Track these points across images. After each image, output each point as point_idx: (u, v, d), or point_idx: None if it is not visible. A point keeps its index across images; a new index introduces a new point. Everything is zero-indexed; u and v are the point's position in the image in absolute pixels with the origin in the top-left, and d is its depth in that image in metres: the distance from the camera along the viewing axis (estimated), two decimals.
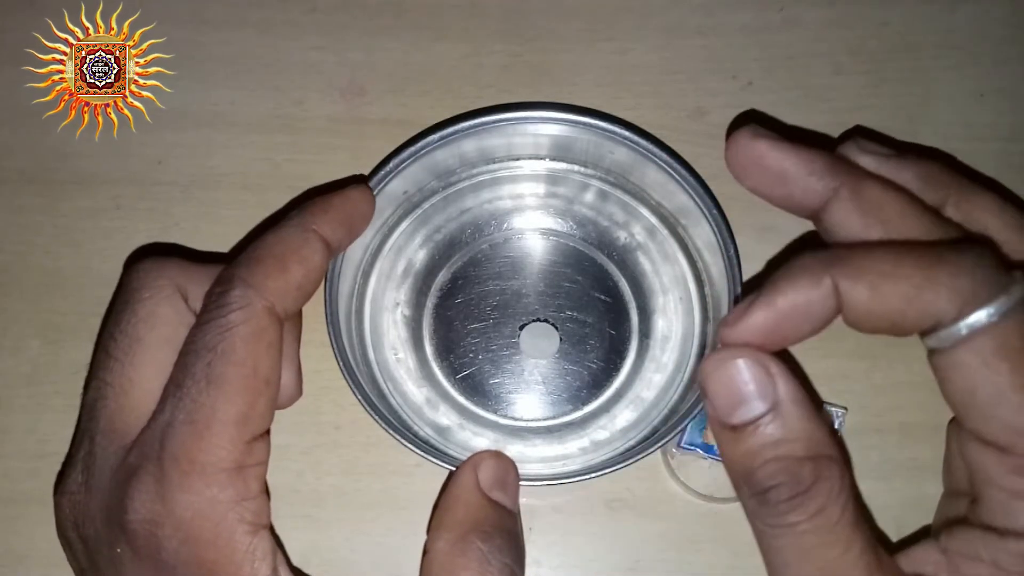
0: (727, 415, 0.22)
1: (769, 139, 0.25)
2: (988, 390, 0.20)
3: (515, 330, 0.34)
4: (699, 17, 0.38)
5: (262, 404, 0.24)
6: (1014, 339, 0.20)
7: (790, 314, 0.21)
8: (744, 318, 0.22)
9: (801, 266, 0.22)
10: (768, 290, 0.22)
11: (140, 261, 0.28)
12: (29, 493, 0.33)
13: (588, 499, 0.33)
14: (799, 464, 0.21)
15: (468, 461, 0.28)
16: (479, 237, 0.35)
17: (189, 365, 0.24)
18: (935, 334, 0.21)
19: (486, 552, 0.25)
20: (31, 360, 0.35)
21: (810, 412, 0.21)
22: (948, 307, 0.20)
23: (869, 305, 0.21)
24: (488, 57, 0.37)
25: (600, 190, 0.34)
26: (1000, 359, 0.20)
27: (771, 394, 0.21)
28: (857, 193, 0.24)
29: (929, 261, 0.21)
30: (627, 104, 0.37)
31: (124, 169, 0.36)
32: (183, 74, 0.37)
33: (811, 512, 0.21)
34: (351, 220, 0.29)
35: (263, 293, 0.25)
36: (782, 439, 0.21)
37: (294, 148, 0.36)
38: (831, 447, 0.21)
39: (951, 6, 0.38)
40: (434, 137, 0.31)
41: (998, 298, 0.20)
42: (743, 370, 0.21)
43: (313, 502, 0.33)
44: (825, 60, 0.37)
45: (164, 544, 0.23)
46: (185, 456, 0.23)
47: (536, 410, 0.34)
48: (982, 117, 0.37)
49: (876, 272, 0.21)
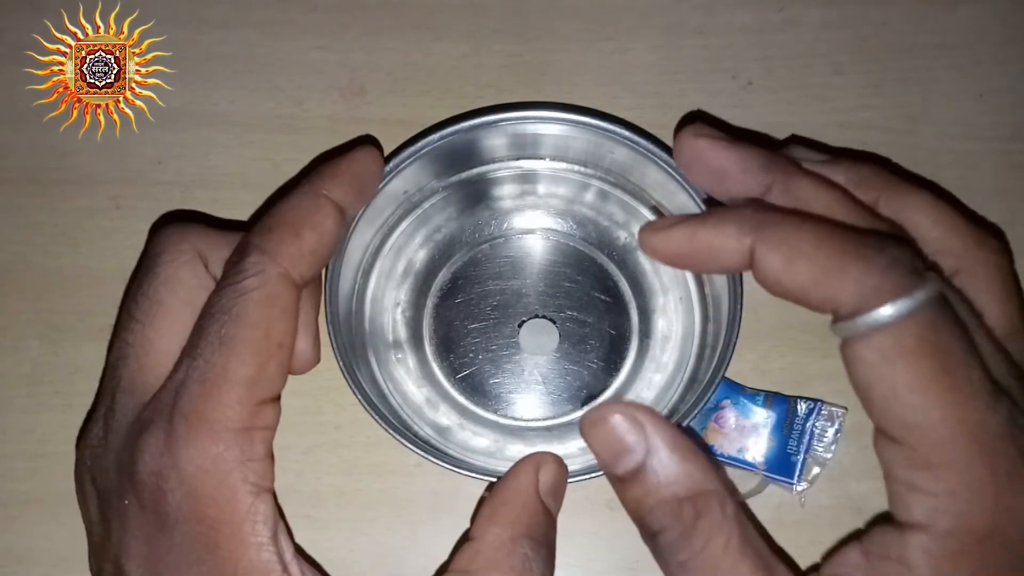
0: (611, 468, 0.24)
1: (709, 138, 0.26)
2: (884, 386, 0.21)
3: (515, 329, 0.34)
4: (699, 17, 0.38)
5: (273, 367, 0.25)
6: (910, 339, 0.21)
7: (703, 250, 0.23)
8: (667, 231, 0.24)
9: (734, 215, 0.23)
10: (699, 219, 0.24)
11: (164, 227, 0.28)
12: (29, 493, 0.33)
13: (588, 499, 0.33)
14: (680, 505, 0.23)
15: (530, 460, 0.27)
16: (479, 237, 0.35)
17: (205, 328, 0.25)
18: (838, 324, 0.22)
19: (532, 559, 0.25)
20: (31, 360, 0.35)
21: (686, 453, 0.23)
22: (848, 299, 0.21)
23: (778, 275, 0.22)
24: (488, 57, 0.37)
25: (600, 190, 0.34)
26: (896, 357, 0.21)
27: (644, 444, 0.23)
28: (788, 189, 0.25)
29: (848, 250, 0.22)
30: (627, 104, 0.37)
31: (124, 169, 0.36)
32: (183, 74, 0.37)
33: (696, 549, 0.22)
34: (361, 182, 0.29)
35: (277, 259, 0.25)
36: (661, 483, 0.23)
37: (294, 148, 0.36)
38: (710, 481, 0.23)
39: (951, 6, 0.38)
40: (434, 137, 0.31)
41: (901, 298, 0.21)
42: (617, 425, 0.23)
43: (313, 502, 0.33)
44: (825, 60, 0.37)
45: (168, 497, 0.23)
46: (194, 412, 0.24)
47: (536, 410, 0.34)
48: (982, 117, 0.37)
49: (793, 248, 0.22)
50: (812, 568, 0.24)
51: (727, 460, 0.33)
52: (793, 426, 0.33)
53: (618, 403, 0.24)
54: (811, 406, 0.33)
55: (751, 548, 0.22)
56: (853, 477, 0.33)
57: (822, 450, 0.33)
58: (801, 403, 0.33)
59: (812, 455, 0.32)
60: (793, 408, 0.33)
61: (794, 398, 0.33)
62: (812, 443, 0.33)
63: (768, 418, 0.33)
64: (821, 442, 0.33)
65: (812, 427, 0.33)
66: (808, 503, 0.33)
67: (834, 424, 0.33)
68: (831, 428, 0.33)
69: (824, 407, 0.33)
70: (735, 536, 0.22)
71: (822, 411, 0.33)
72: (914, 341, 0.21)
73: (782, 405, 0.33)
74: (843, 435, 0.33)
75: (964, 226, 0.26)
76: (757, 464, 0.33)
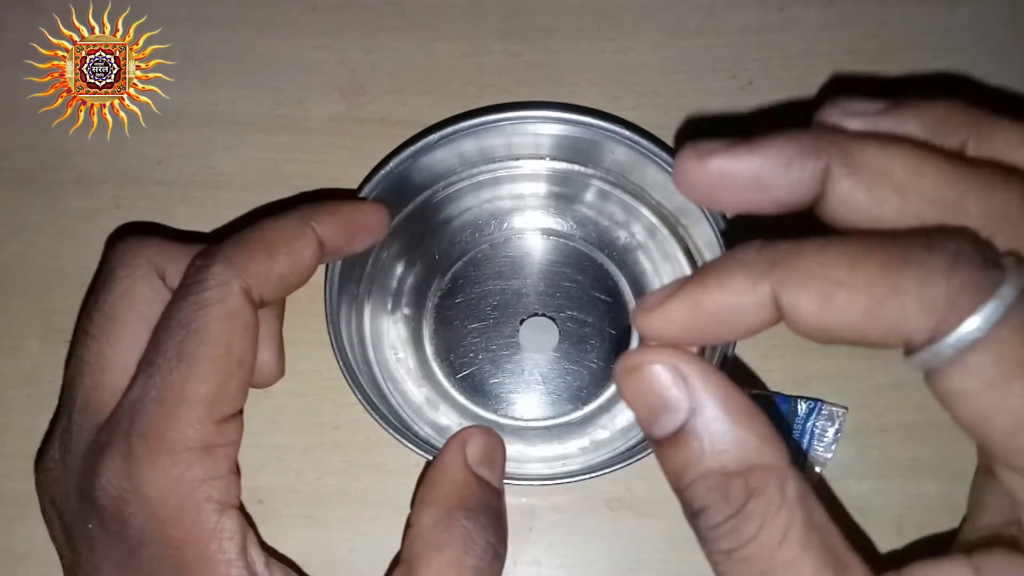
0: (649, 428, 0.20)
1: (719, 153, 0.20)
2: (1004, 417, 0.17)
3: (515, 329, 0.34)
4: (699, 17, 0.38)
5: (234, 385, 0.24)
6: (1017, 350, 0.16)
7: (716, 316, 0.18)
8: (662, 308, 0.19)
9: (740, 262, 0.18)
10: (696, 280, 0.19)
11: (120, 240, 0.28)
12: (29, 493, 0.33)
13: (588, 499, 0.33)
14: (728, 481, 0.18)
15: (456, 436, 0.27)
16: (479, 237, 0.35)
17: (162, 342, 0.24)
18: (916, 355, 0.17)
19: (471, 529, 0.25)
20: (31, 360, 0.35)
21: (740, 415, 0.19)
22: (919, 322, 0.17)
23: (820, 319, 0.17)
24: (488, 57, 0.37)
25: (600, 190, 0.34)
26: (1007, 377, 0.16)
27: (689, 402, 0.19)
28: (853, 165, 0.19)
29: (893, 263, 0.17)
30: (627, 104, 0.37)
31: (124, 169, 0.36)
32: (183, 74, 0.37)
33: (746, 537, 0.18)
34: (354, 231, 0.28)
35: (243, 275, 0.24)
36: (706, 451, 0.18)
37: (294, 148, 0.36)
38: (768, 453, 0.18)
39: (951, 6, 0.38)
40: (434, 137, 0.31)
41: (985, 304, 0.16)
42: (658, 376, 0.19)
43: (313, 502, 0.33)
44: (825, 60, 0.37)
45: (130, 521, 0.23)
46: (152, 434, 0.23)
47: (536, 410, 0.34)
48: None
49: (826, 279, 0.17)
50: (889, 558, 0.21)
51: None
52: (793, 426, 0.33)
53: (660, 348, 0.19)
54: (811, 406, 0.33)
55: (817, 538, 0.18)
56: (853, 477, 0.33)
57: (822, 450, 0.33)
58: (801, 403, 0.33)
59: (812, 455, 0.33)
60: (793, 408, 0.33)
61: (794, 398, 0.33)
62: (812, 443, 0.33)
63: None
64: (821, 442, 0.33)
65: (812, 427, 0.33)
66: None
67: (834, 424, 0.33)
68: (831, 428, 0.33)
69: (824, 407, 0.33)
70: (797, 524, 0.18)
71: (822, 411, 0.33)
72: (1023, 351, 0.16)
73: (782, 405, 0.33)
74: (843, 435, 0.33)
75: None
76: None
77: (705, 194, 0.20)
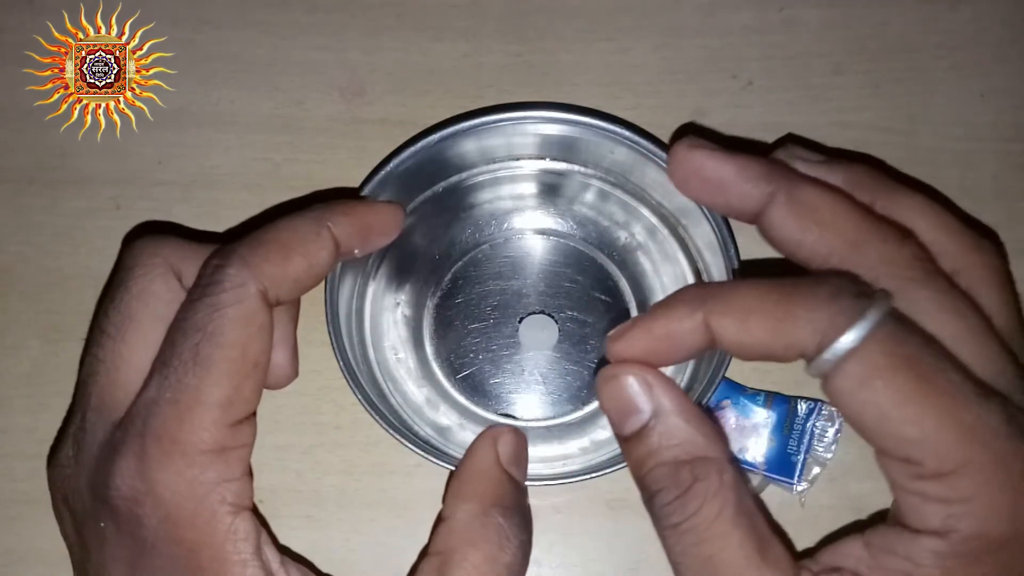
0: (619, 427, 0.24)
1: (706, 149, 0.26)
2: (871, 410, 0.21)
3: (515, 330, 0.34)
4: (699, 17, 0.38)
5: (248, 388, 0.24)
6: (879, 358, 0.21)
7: (664, 339, 0.23)
8: (624, 337, 0.24)
9: (679, 299, 0.23)
10: (648, 315, 0.24)
11: (136, 239, 0.28)
12: (29, 493, 0.33)
13: (588, 499, 0.33)
14: (678, 468, 0.23)
15: (487, 434, 0.28)
16: (479, 237, 0.35)
17: (177, 343, 0.24)
18: (810, 366, 0.22)
19: (506, 527, 0.26)
20: (31, 360, 0.35)
21: (691, 418, 0.23)
22: (808, 338, 0.21)
23: (738, 337, 0.22)
24: (488, 57, 0.37)
25: (600, 190, 0.34)
26: (872, 378, 0.21)
27: (652, 405, 0.23)
28: (792, 197, 0.25)
29: (790, 295, 0.22)
30: (627, 104, 0.37)
31: (124, 169, 0.36)
32: (183, 74, 0.37)
33: (689, 512, 0.22)
34: (370, 231, 0.28)
35: (258, 276, 0.24)
36: (664, 445, 0.23)
37: (294, 148, 0.36)
38: (711, 448, 0.23)
39: (951, 6, 0.38)
40: (434, 137, 0.31)
41: (856, 323, 0.21)
42: (629, 385, 0.23)
43: (313, 502, 0.33)
44: (825, 60, 0.37)
45: (144, 522, 0.23)
46: (167, 436, 0.23)
47: (536, 410, 0.34)
48: (982, 117, 0.37)
49: (741, 308, 0.22)
50: (806, 552, 0.24)
51: None
52: (793, 426, 0.33)
53: (631, 363, 0.24)
54: (811, 406, 0.33)
55: (745, 519, 0.22)
56: (853, 477, 0.33)
57: (822, 450, 0.33)
58: (801, 403, 0.33)
59: (812, 455, 0.33)
60: (793, 408, 0.33)
61: (794, 398, 0.33)
62: (812, 443, 0.33)
63: (768, 418, 0.33)
64: (821, 442, 0.33)
65: (812, 427, 0.33)
66: (808, 503, 0.33)
67: (834, 424, 0.33)
68: (831, 428, 0.33)
69: (824, 407, 0.33)
70: (730, 504, 0.22)
71: (822, 411, 0.33)
72: (884, 359, 0.21)
73: (782, 405, 0.33)
74: (843, 435, 0.33)
75: (960, 229, 0.26)
76: (757, 464, 0.33)
77: (681, 179, 0.27)
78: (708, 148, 0.26)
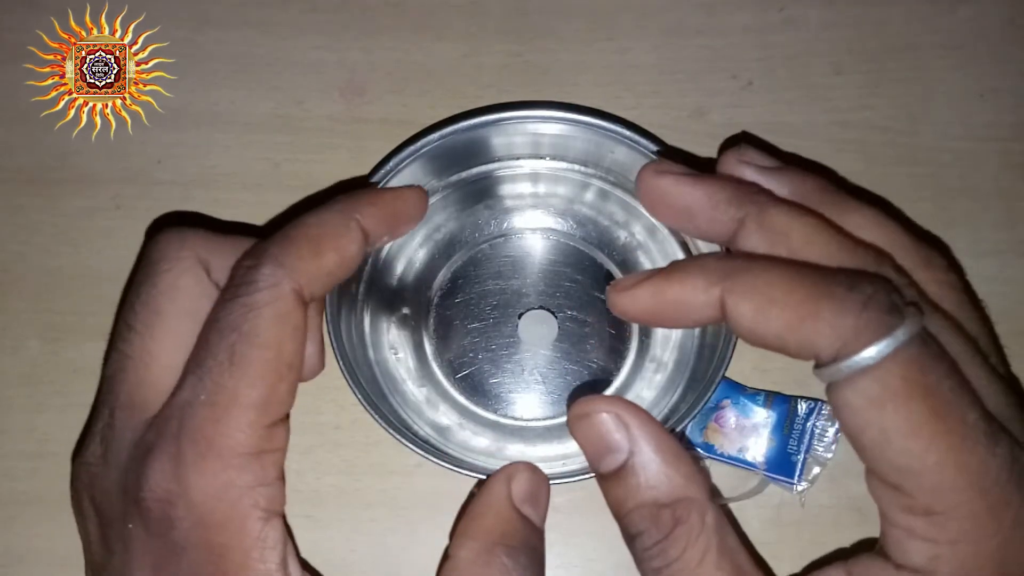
0: (595, 465, 0.23)
1: (671, 175, 0.25)
2: (874, 431, 0.21)
3: (515, 329, 0.34)
4: (699, 17, 0.38)
5: (284, 388, 0.24)
6: (896, 381, 0.20)
7: (672, 305, 0.22)
8: (631, 291, 0.23)
9: (699, 266, 0.22)
10: (663, 274, 0.23)
11: (161, 231, 0.27)
12: (29, 493, 0.33)
13: (588, 499, 0.33)
14: (659, 510, 0.22)
15: (502, 471, 0.27)
16: (479, 237, 0.35)
17: (212, 343, 0.23)
18: (820, 369, 0.21)
19: (510, 567, 0.25)
20: (31, 360, 0.35)
21: (669, 456, 0.22)
22: (826, 344, 0.21)
23: (751, 325, 0.21)
24: (488, 57, 0.37)
25: (600, 189, 0.34)
26: (884, 401, 0.20)
27: (629, 445, 0.23)
28: (762, 222, 0.24)
29: (820, 292, 0.21)
30: (627, 104, 0.37)
31: (124, 169, 0.36)
32: (183, 74, 0.37)
33: (672, 558, 0.22)
34: (396, 218, 0.28)
35: (293, 275, 0.24)
36: (642, 486, 0.22)
37: (294, 148, 0.37)
38: (692, 488, 0.22)
39: (951, 6, 0.38)
40: (434, 137, 0.31)
41: (882, 339, 0.20)
42: (603, 423, 0.23)
43: (313, 502, 0.33)
44: (825, 60, 0.37)
45: (176, 524, 0.23)
46: (203, 438, 0.23)
47: (536, 410, 0.34)
48: (982, 117, 0.37)
49: (764, 295, 0.21)
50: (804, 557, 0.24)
51: (727, 460, 0.33)
52: (793, 426, 0.33)
53: (606, 398, 0.23)
54: (811, 406, 0.33)
55: (728, 561, 0.22)
56: (853, 477, 0.33)
57: (822, 450, 0.32)
58: (801, 403, 0.33)
59: (812, 455, 0.32)
60: (793, 408, 0.33)
61: (794, 398, 0.33)
62: (812, 443, 0.32)
63: (768, 418, 0.33)
64: (821, 442, 0.33)
65: (812, 427, 0.33)
66: (808, 503, 0.33)
67: (834, 424, 0.33)
68: (831, 428, 0.33)
69: (824, 407, 0.33)
70: (713, 548, 0.22)
71: (822, 411, 0.33)
72: (901, 383, 0.20)
73: (782, 405, 0.33)
74: (843, 435, 0.32)
75: (912, 245, 0.25)
76: (757, 464, 0.33)
77: (649, 205, 0.26)
78: (674, 174, 0.25)
